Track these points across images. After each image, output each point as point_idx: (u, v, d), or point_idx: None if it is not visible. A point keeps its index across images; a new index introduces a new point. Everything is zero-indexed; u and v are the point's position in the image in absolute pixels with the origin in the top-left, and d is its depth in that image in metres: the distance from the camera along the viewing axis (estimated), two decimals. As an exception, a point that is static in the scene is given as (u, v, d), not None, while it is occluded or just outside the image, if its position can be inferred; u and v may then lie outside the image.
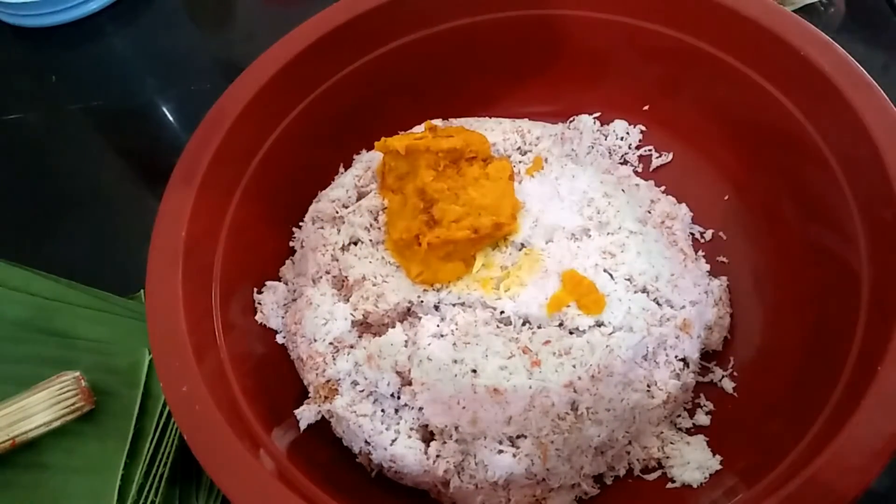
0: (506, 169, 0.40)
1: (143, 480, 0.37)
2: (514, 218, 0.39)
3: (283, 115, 0.43)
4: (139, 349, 0.40)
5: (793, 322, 0.39)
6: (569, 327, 0.37)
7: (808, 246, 0.39)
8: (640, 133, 0.48)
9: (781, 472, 0.30)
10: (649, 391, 0.37)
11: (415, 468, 0.36)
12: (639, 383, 0.37)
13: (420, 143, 0.39)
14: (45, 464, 0.38)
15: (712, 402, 0.39)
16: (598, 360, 0.35)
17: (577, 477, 0.35)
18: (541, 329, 0.37)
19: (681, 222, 0.44)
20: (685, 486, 0.35)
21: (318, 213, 0.43)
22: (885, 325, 0.31)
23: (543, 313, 0.37)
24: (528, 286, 0.38)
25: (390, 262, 0.40)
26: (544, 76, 0.48)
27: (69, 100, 0.61)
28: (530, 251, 0.39)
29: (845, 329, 0.33)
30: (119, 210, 0.54)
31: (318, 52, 0.43)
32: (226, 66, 0.63)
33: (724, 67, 0.42)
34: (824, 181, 0.38)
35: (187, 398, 0.32)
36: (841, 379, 0.32)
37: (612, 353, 0.36)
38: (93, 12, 0.66)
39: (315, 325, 0.38)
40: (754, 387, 0.38)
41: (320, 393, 0.37)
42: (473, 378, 0.35)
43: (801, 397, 0.34)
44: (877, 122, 0.34)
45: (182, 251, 0.36)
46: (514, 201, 0.40)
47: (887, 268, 0.33)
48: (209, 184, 0.38)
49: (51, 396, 0.37)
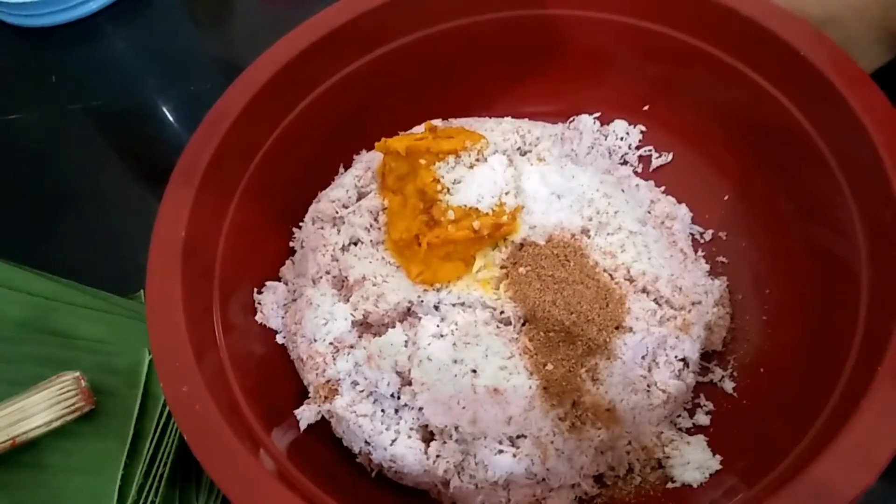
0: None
1: (143, 481, 0.37)
2: (514, 218, 0.39)
3: (283, 115, 0.43)
4: (139, 349, 0.40)
5: (793, 322, 0.39)
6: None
7: (808, 246, 0.39)
8: (640, 133, 0.48)
9: (781, 472, 0.30)
10: (649, 391, 0.37)
11: (415, 468, 0.36)
12: (639, 383, 0.37)
13: (420, 143, 0.39)
14: (45, 464, 0.38)
15: (712, 402, 0.39)
16: (598, 360, 0.35)
17: (577, 477, 0.35)
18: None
19: (681, 222, 0.44)
20: (685, 486, 0.35)
21: (318, 214, 0.43)
22: (885, 325, 0.31)
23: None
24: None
25: (390, 262, 0.40)
26: (544, 76, 0.48)
27: (69, 100, 0.61)
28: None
29: (845, 329, 0.33)
30: (119, 210, 0.54)
31: (318, 52, 0.43)
32: (226, 66, 0.63)
33: (724, 67, 0.42)
34: (824, 181, 0.38)
35: (187, 398, 0.32)
36: (841, 379, 0.32)
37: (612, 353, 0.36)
38: (93, 12, 0.66)
39: (315, 325, 0.38)
40: (754, 387, 0.38)
41: (320, 393, 0.37)
42: (473, 378, 0.35)
43: (801, 397, 0.34)
44: (876, 121, 0.34)
45: (182, 251, 0.36)
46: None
47: (887, 268, 0.33)
48: (209, 184, 0.38)
49: (51, 396, 0.37)
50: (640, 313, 0.37)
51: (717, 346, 0.40)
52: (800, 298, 0.39)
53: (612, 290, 0.37)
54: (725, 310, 0.41)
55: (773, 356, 0.39)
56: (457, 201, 0.38)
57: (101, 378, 0.39)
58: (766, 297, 0.41)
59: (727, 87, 0.43)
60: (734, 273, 0.43)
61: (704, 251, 0.44)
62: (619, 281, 0.39)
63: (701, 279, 0.42)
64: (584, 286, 0.37)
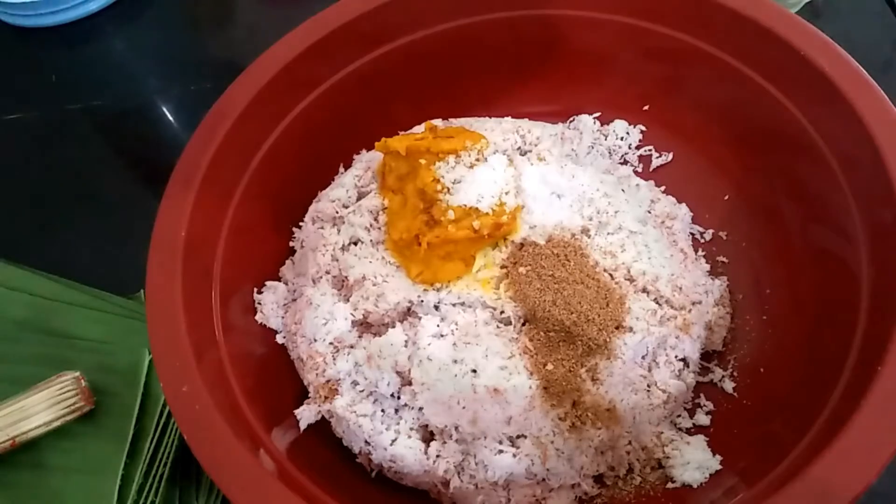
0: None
1: (143, 480, 0.37)
2: (514, 218, 0.39)
3: (283, 115, 0.43)
4: (139, 349, 0.40)
5: (793, 322, 0.39)
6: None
7: (808, 246, 0.39)
8: (640, 133, 0.48)
9: (781, 472, 0.30)
10: (649, 391, 0.37)
11: (415, 468, 0.36)
12: (639, 383, 0.37)
13: (420, 143, 0.39)
14: (45, 464, 0.38)
15: (712, 402, 0.39)
16: (598, 360, 0.35)
17: (577, 477, 0.35)
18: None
19: (681, 222, 0.44)
20: (685, 486, 0.35)
21: (318, 213, 0.43)
22: (885, 325, 0.31)
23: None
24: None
25: (390, 262, 0.40)
26: (544, 76, 0.48)
27: (69, 100, 0.61)
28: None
29: (845, 329, 0.33)
30: (119, 210, 0.54)
31: (318, 52, 0.43)
32: (226, 66, 0.63)
33: (724, 67, 0.42)
34: (824, 181, 0.38)
35: (187, 398, 0.32)
36: (841, 379, 0.32)
37: (612, 352, 0.36)
38: (93, 12, 0.66)
39: (315, 325, 0.38)
40: (754, 387, 0.38)
41: (320, 393, 0.37)
42: (473, 378, 0.35)
43: (801, 397, 0.34)
44: (877, 121, 0.34)
45: (182, 251, 0.36)
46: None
47: (887, 268, 0.33)
48: (209, 184, 0.38)
49: (51, 396, 0.37)
50: (641, 313, 0.37)
51: (718, 345, 0.40)
52: (800, 298, 0.39)
53: (612, 290, 0.37)
54: (725, 310, 0.41)
55: (773, 356, 0.39)
56: (457, 201, 0.38)
57: (101, 378, 0.39)
58: (766, 297, 0.41)
59: (727, 87, 0.43)
60: (734, 273, 0.43)
61: (704, 251, 0.44)
62: (619, 281, 0.39)
63: (701, 279, 0.42)
64: (584, 286, 0.37)
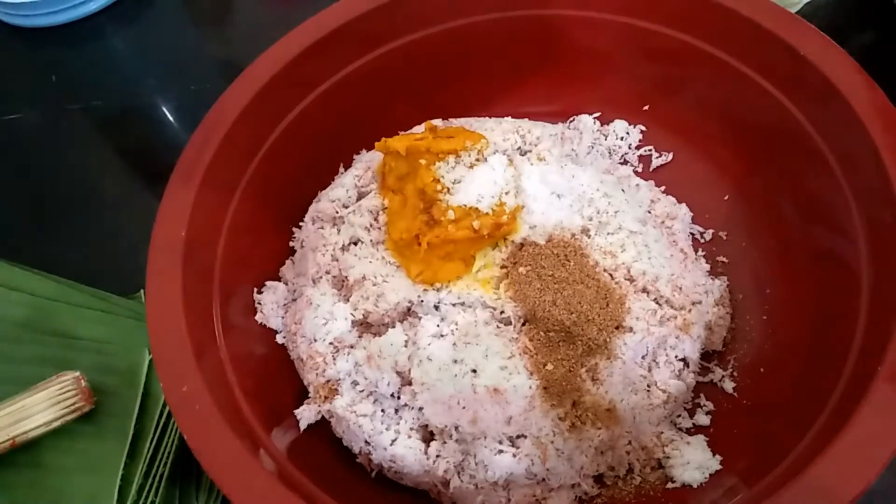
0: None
1: (143, 480, 0.37)
2: (514, 218, 0.39)
3: (283, 115, 0.43)
4: (139, 349, 0.40)
5: (793, 322, 0.39)
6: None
7: (808, 246, 0.39)
8: (640, 133, 0.48)
9: (781, 472, 0.30)
10: (649, 391, 0.37)
11: (415, 468, 0.36)
12: (639, 383, 0.37)
13: (420, 143, 0.39)
14: (45, 464, 0.38)
15: (712, 402, 0.39)
16: (598, 360, 0.35)
17: (577, 477, 0.35)
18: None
19: (681, 222, 0.44)
20: (685, 486, 0.35)
21: (318, 213, 0.43)
22: (885, 325, 0.31)
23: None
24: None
25: (390, 262, 0.40)
26: (544, 76, 0.48)
27: (69, 100, 0.61)
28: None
29: (845, 329, 0.33)
30: (119, 210, 0.54)
31: (318, 52, 0.43)
32: (226, 66, 0.63)
33: (724, 67, 0.42)
34: (824, 181, 0.38)
35: (187, 398, 0.32)
36: (841, 379, 0.32)
37: (612, 352, 0.36)
38: (93, 12, 0.66)
39: (315, 325, 0.38)
40: (754, 387, 0.38)
41: (320, 393, 0.37)
42: (473, 378, 0.35)
43: (801, 397, 0.34)
44: (876, 121, 0.34)
45: (182, 251, 0.36)
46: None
47: (887, 268, 0.33)
48: (209, 184, 0.38)
49: (51, 396, 0.37)
50: (641, 313, 0.37)
51: (718, 346, 0.40)
52: (800, 298, 0.39)
53: (612, 290, 0.37)
54: (725, 310, 0.41)
55: (773, 356, 0.39)
56: (457, 201, 0.38)
57: (101, 378, 0.39)
58: (767, 297, 0.41)
59: (727, 87, 0.43)
60: (734, 273, 0.43)
61: (704, 251, 0.44)
62: (619, 281, 0.39)
63: (701, 279, 0.42)
64: (584, 286, 0.37)
